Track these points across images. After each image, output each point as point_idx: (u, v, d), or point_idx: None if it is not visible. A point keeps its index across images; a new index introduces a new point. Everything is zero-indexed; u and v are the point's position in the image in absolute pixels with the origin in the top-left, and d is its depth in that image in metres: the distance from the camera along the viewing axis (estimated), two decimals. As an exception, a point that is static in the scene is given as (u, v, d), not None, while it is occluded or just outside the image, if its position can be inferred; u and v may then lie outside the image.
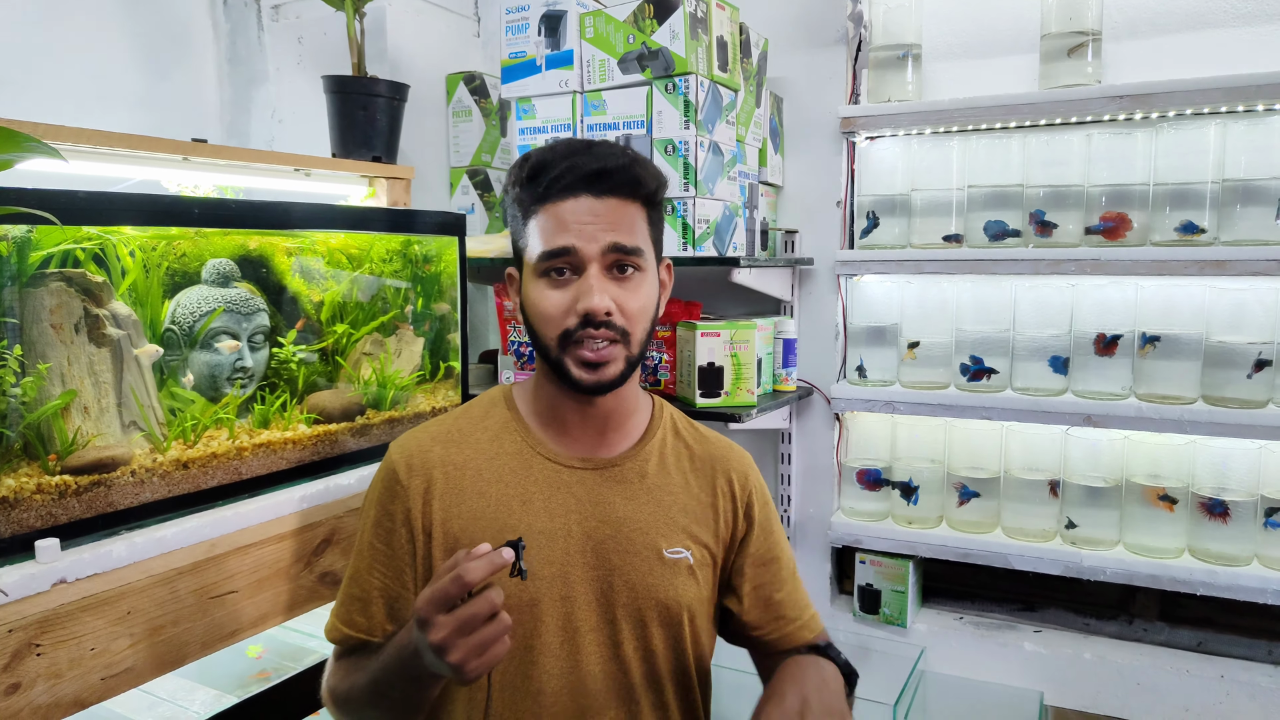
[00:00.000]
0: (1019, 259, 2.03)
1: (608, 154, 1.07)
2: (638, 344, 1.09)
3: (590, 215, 1.05)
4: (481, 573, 0.85)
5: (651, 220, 1.12)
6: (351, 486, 1.58)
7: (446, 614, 0.86)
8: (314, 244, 1.62)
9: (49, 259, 1.21)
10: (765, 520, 1.21)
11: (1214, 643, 2.09)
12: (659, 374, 1.99)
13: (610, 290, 1.05)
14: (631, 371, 1.10)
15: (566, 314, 1.05)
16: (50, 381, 1.20)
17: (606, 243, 1.05)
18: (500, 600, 0.86)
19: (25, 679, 1.09)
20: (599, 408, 1.13)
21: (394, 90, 2.10)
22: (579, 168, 1.05)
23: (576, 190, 1.05)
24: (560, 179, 1.05)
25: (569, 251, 1.05)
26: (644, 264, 1.09)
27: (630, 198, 1.08)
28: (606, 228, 1.05)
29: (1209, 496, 1.92)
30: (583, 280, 1.05)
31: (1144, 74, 1.98)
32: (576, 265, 1.05)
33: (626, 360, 1.08)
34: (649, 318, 1.11)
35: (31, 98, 1.96)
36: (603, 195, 1.06)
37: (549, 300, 1.06)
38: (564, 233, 1.05)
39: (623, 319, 1.06)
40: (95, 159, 1.53)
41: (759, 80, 2.14)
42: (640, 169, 1.09)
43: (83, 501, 1.22)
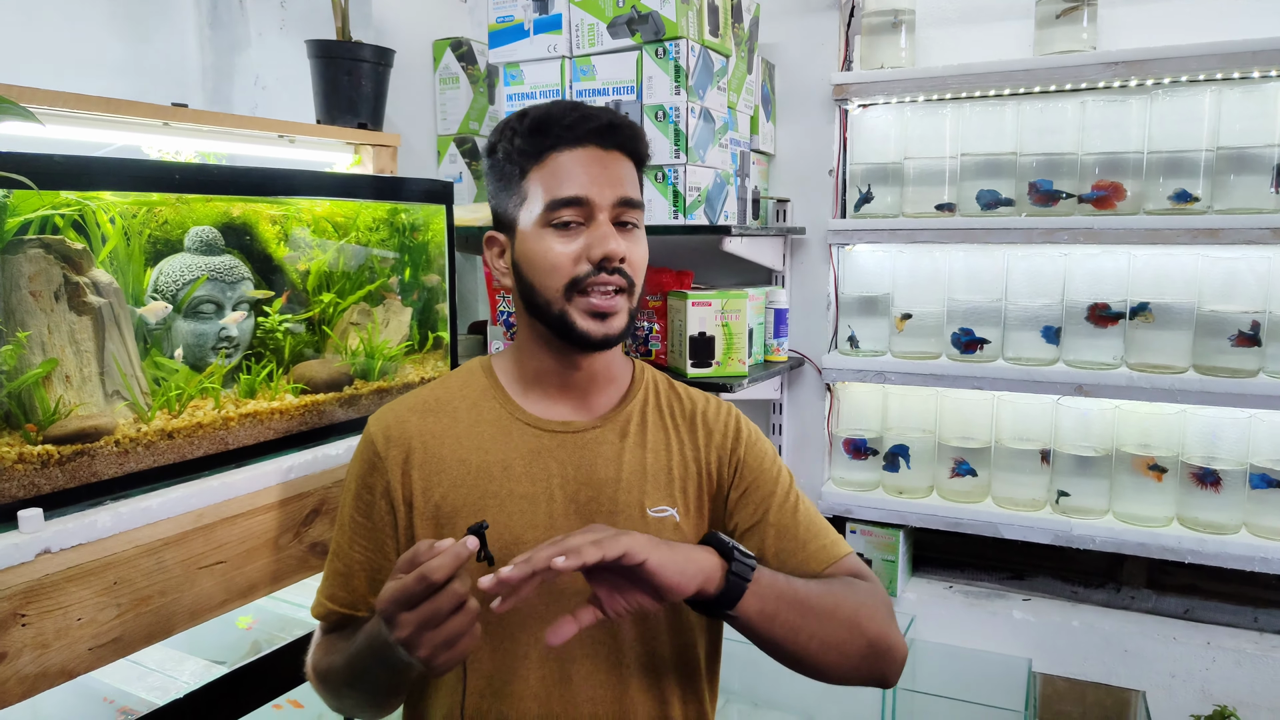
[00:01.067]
0: (1012, 228, 2.02)
1: (611, 113, 1.10)
2: (637, 297, 1.11)
3: (600, 166, 1.06)
4: (448, 569, 0.83)
5: (640, 179, 1.14)
6: (340, 457, 1.56)
7: (410, 611, 0.84)
8: (299, 212, 1.60)
9: (27, 225, 1.18)
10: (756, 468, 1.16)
11: (1201, 610, 2.10)
12: (650, 344, 1.98)
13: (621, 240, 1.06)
14: (631, 326, 1.11)
15: (577, 261, 1.04)
16: (30, 350, 1.18)
17: (618, 195, 1.06)
18: (465, 591, 0.85)
19: (11, 649, 1.08)
20: (584, 371, 1.13)
21: (379, 55, 2.06)
22: (590, 119, 1.06)
23: (585, 141, 1.06)
24: (571, 129, 1.05)
25: (581, 201, 1.04)
26: (641, 220, 1.11)
27: (630, 156, 1.10)
28: (616, 181, 1.06)
29: (1200, 466, 1.93)
30: (594, 229, 1.05)
31: (1140, 39, 1.96)
32: (587, 215, 1.05)
33: (629, 312, 1.09)
34: (644, 272, 1.12)
35: (5, 62, 1.92)
36: (609, 149, 1.07)
37: (556, 251, 1.05)
38: (575, 182, 1.04)
39: (630, 269, 1.07)
40: (72, 123, 1.49)
41: (750, 46, 2.11)
42: (638, 130, 1.12)
43: (66, 471, 1.20)
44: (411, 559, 0.86)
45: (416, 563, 0.85)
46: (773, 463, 1.19)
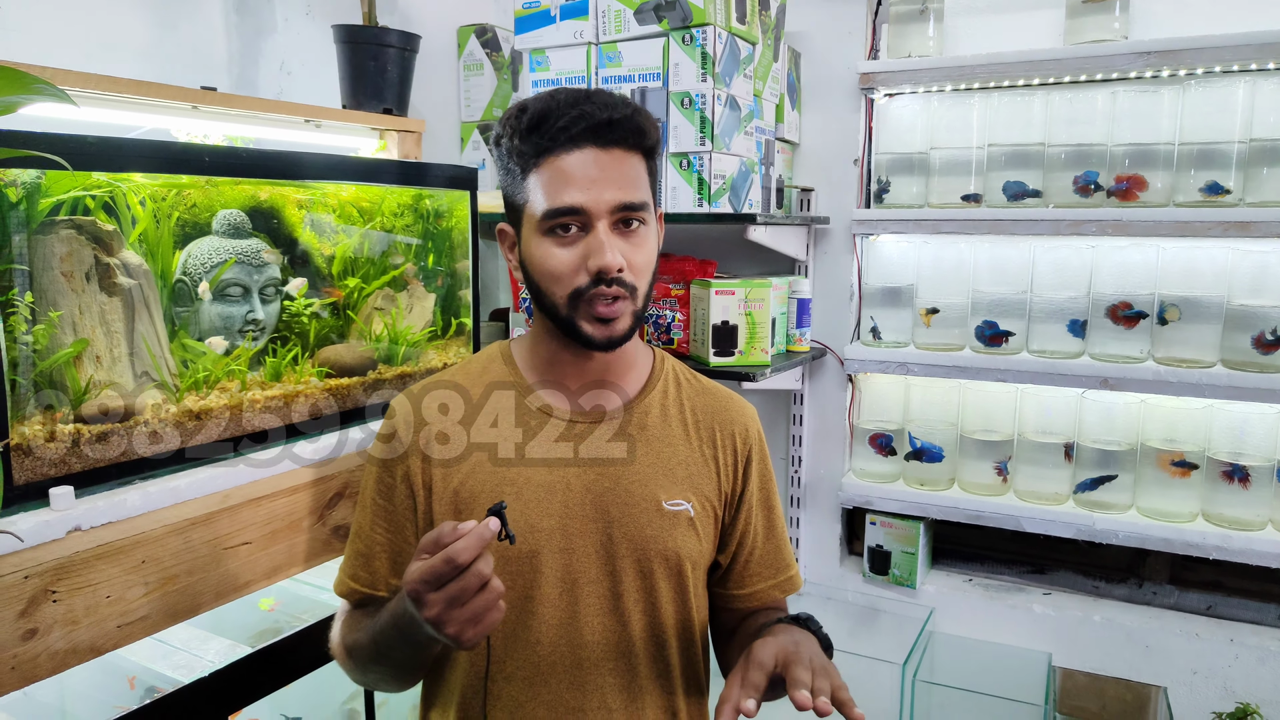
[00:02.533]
0: (1039, 219, 2.00)
1: (611, 104, 1.03)
2: (643, 298, 1.08)
3: (597, 170, 1.01)
4: (473, 551, 0.85)
5: (651, 171, 1.09)
6: (364, 441, 1.57)
7: (437, 591, 0.86)
8: (325, 196, 1.60)
9: (59, 206, 1.19)
10: (761, 475, 1.21)
11: (1224, 606, 2.09)
12: (672, 332, 1.97)
13: (618, 246, 1.03)
14: (638, 325, 1.10)
15: (576, 272, 1.03)
16: (61, 330, 1.19)
17: (616, 200, 1.02)
18: (489, 570, 0.87)
19: (42, 625, 1.09)
20: (598, 361, 1.13)
21: (405, 41, 2.06)
22: (585, 118, 1.01)
23: (581, 142, 1.01)
24: (565, 130, 1.01)
25: (578, 210, 1.01)
26: (648, 218, 1.07)
27: (634, 149, 1.05)
28: (613, 184, 1.02)
29: (1228, 461, 1.91)
30: (592, 237, 1.02)
31: (1172, 29, 1.93)
32: (584, 223, 1.03)
33: (633, 315, 1.07)
34: (653, 271, 1.10)
35: (36, 44, 1.93)
36: (608, 147, 1.02)
37: (557, 259, 1.04)
38: (570, 189, 1.01)
39: (631, 275, 1.04)
40: (103, 105, 1.50)
41: (777, 34, 2.10)
42: (642, 119, 1.05)
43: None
44: (435, 540, 0.87)
45: (440, 544, 0.86)
46: (770, 476, 1.24)
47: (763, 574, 1.20)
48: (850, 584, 2.33)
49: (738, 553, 1.19)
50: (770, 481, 1.23)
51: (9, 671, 1.07)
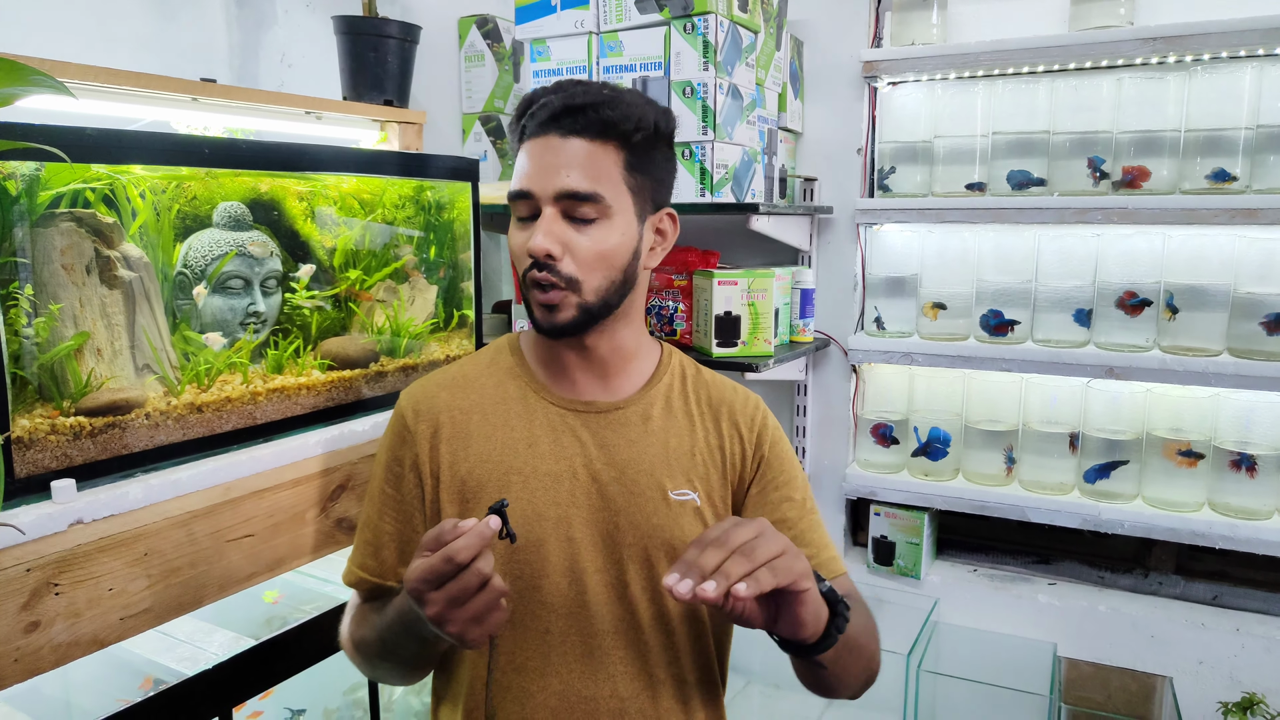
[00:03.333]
0: (1044, 208, 1.99)
1: (581, 92, 1.02)
2: (593, 293, 1.04)
3: (550, 155, 1.02)
4: (473, 550, 0.84)
5: (631, 164, 1.05)
6: (366, 433, 1.57)
7: (437, 590, 0.85)
8: (326, 188, 1.60)
9: (59, 199, 1.19)
10: (774, 462, 1.18)
11: (1230, 596, 2.08)
12: (675, 323, 1.97)
13: (562, 234, 1.02)
14: (590, 321, 1.06)
15: (522, 256, 1.05)
16: (62, 323, 1.19)
17: (559, 187, 1.01)
18: (489, 569, 0.86)
19: (44, 617, 1.09)
20: (593, 351, 1.12)
21: (405, 31, 2.05)
22: (549, 106, 1.03)
23: (545, 129, 1.03)
24: (534, 117, 1.04)
25: (526, 195, 1.04)
26: (607, 211, 1.03)
27: (599, 138, 1.02)
28: (562, 170, 1.01)
29: (1236, 451, 1.90)
30: (537, 221, 1.04)
31: (1178, 14, 1.91)
32: (534, 208, 1.04)
33: (580, 308, 1.04)
34: (613, 268, 1.05)
35: (36, 36, 1.92)
36: (568, 135, 1.02)
37: (515, 241, 1.07)
38: (525, 174, 1.04)
39: (572, 265, 1.02)
40: (102, 97, 1.50)
41: (779, 22, 2.08)
42: (612, 110, 1.02)
43: (97, 443, 1.21)
44: (436, 538, 0.87)
45: (441, 541, 0.86)
46: (794, 465, 1.20)
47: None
48: (855, 575, 2.31)
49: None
50: (789, 467, 1.19)
51: (12, 664, 1.07)
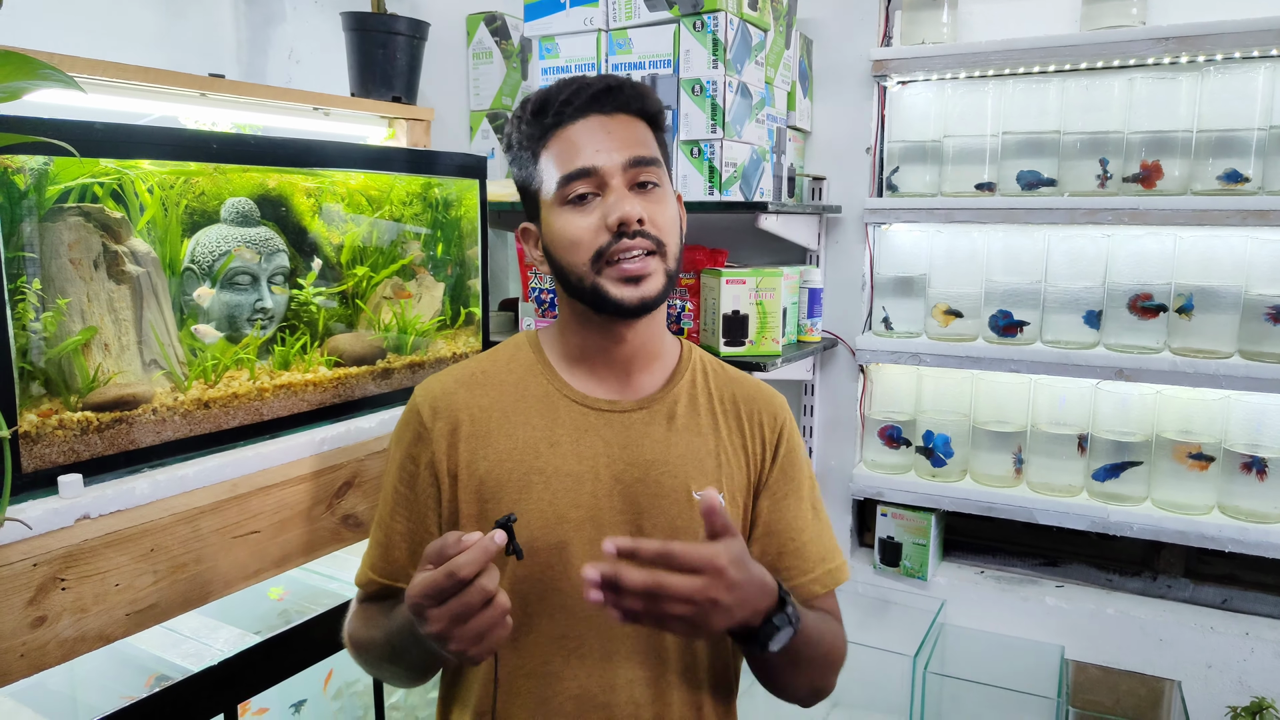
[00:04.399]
0: (1054, 208, 1.98)
1: (609, 77, 1.07)
2: (674, 258, 1.07)
3: (604, 132, 1.04)
4: (476, 565, 0.83)
5: (660, 142, 1.10)
6: (373, 430, 1.57)
7: (439, 606, 0.84)
8: (334, 184, 1.59)
9: (67, 193, 1.19)
10: (789, 463, 1.17)
11: (1239, 600, 2.07)
12: (682, 322, 1.96)
13: (640, 201, 1.04)
14: (670, 288, 1.07)
15: (597, 233, 1.03)
16: (70, 317, 1.19)
17: (627, 157, 1.03)
18: (493, 586, 0.84)
19: (51, 612, 1.09)
20: (626, 346, 1.10)
21: (414, 28, 2.05)
22: (586, 89, 1.04)
23: (586, 111, 1.04)
24: (568, 103, 1.04)
25: (590, 172, 1.03)
26: (663, 179, 1.08)
27: (638, 115, 1.07)
28: (622, 143, 1.04)
29: (1247, 454, 1.88)
30: (608, 195, 1.03)
31: (1191, 14, 1.90)
32: (599, 185, 1.03)
33: (666, 274, 1.06)
34: (678, 232, 1.09)
35: (45, 30, 1.92)
36: (613, 113, 1.05)
37: (575, 225, 1.03)
38: (581, 154, 1.03)
39: (655, 229, 1.04)
40: (111, 91, 1.50)
41: (789, 20, 2.08)
42: (644, 88, 1.09)
43: (104, 438, 1.21)
44: (439, 551, 0.85)
45: (444, 555, 0.84)
46: (806, 468, 1.20)
47: (799, 566, 1.14)
48: (861, 576, 2.32)
49: (771, 543, 1.14)
50: (804, 469, 1.18)
51: (18, 659, 1.07)
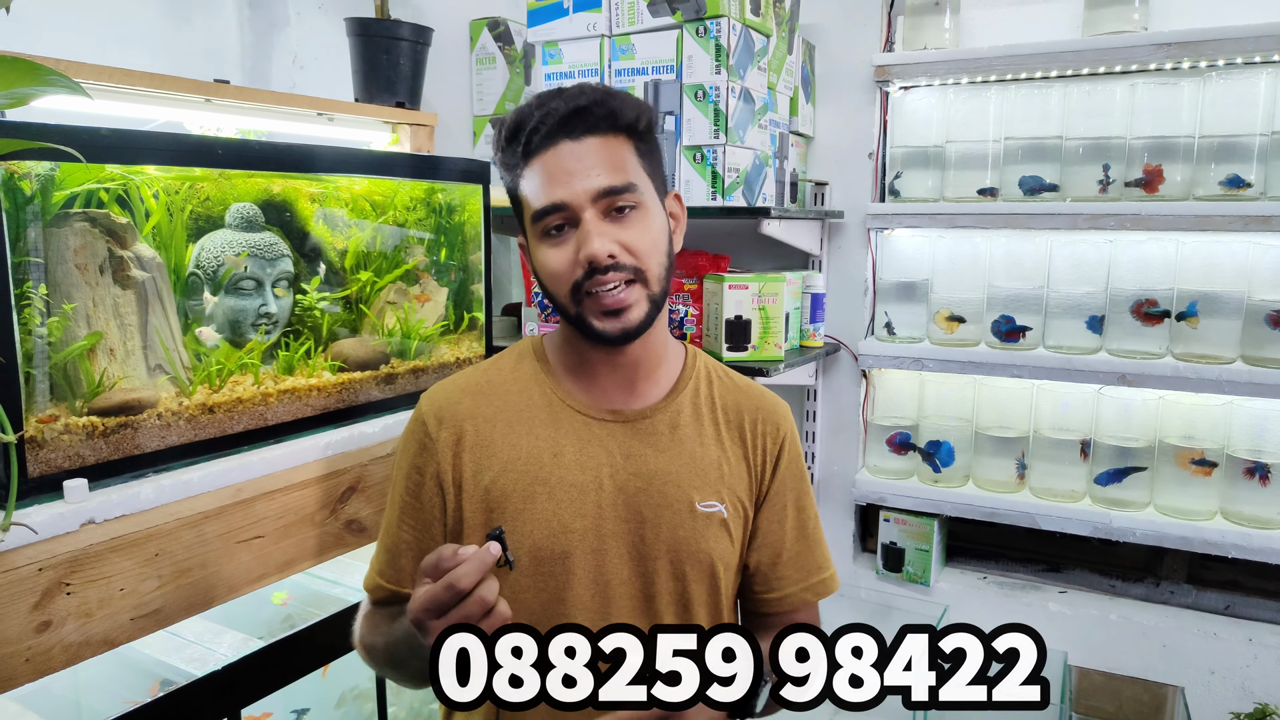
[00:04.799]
0: (1056, 213, 1.98)
1: (578, 94, 1.03)
2: (656, 281, 1.05)
3: (573, 161, 1.01)
4: (474, 578, 0.83)
5: (642, 152, 1.06)
6: (376, 435, 1.57)
7: (440, 618, 0.85)
8: (338, 189, 1.60)
9: (73, 199, 1.19)
10: (789, 474, 1.18)
11: (1242, 606, 2.06)
12: (685, 327, 1.96)
13: (611, 233, 1.01)
14: (656, 313, 1.06)
15: (572, 268, 1.02)
16: (75, 322, 1.19)
17: (595, 188, 1.01)
18: (493, 596, 0.85)
19: (56, 617, 1.09)
20: (627, 356, 1.10)
21: (418, 34, 2.06)
22: (551, 114, 1.01)
23: (554, 138, 1.01)
24: (536, 131, 1.01)
25: (560, 207, 1.01)
26: (641, 199, 1.04)
27: (610, 132, 1.03)
28: (590, 172, 1.01)
29: (1250, 459, 1.88)
30: (580, 229, 1.01)
31: (1192, 20, 1.90)
32: (570, 218, 1.02)
33: (649, 299, 1.04)
34: (661, 252, 1.06)
35: (51, 37, 1.93)
36: (581, 137, 1.01)
37: (552, 259, 1.03)
38: (550, 187, 1.01)
39: (631, 258, 1.02)
40: (116, 98, 1.50)
41: (791, 26, 2.08)
42: (615, 101, 1.04)
43: (110, 443, 1.22)
44: (435, 565, 0.86)
45: (440, 569, 0.85)
46: (805, 479, 1.20)
47: (792, 576, 1.16)
48: (863, 581, 2.32)
49: (766, 553, 1.15)
50: (803, 480, 1.19)
51: (23, 664, 1.07)
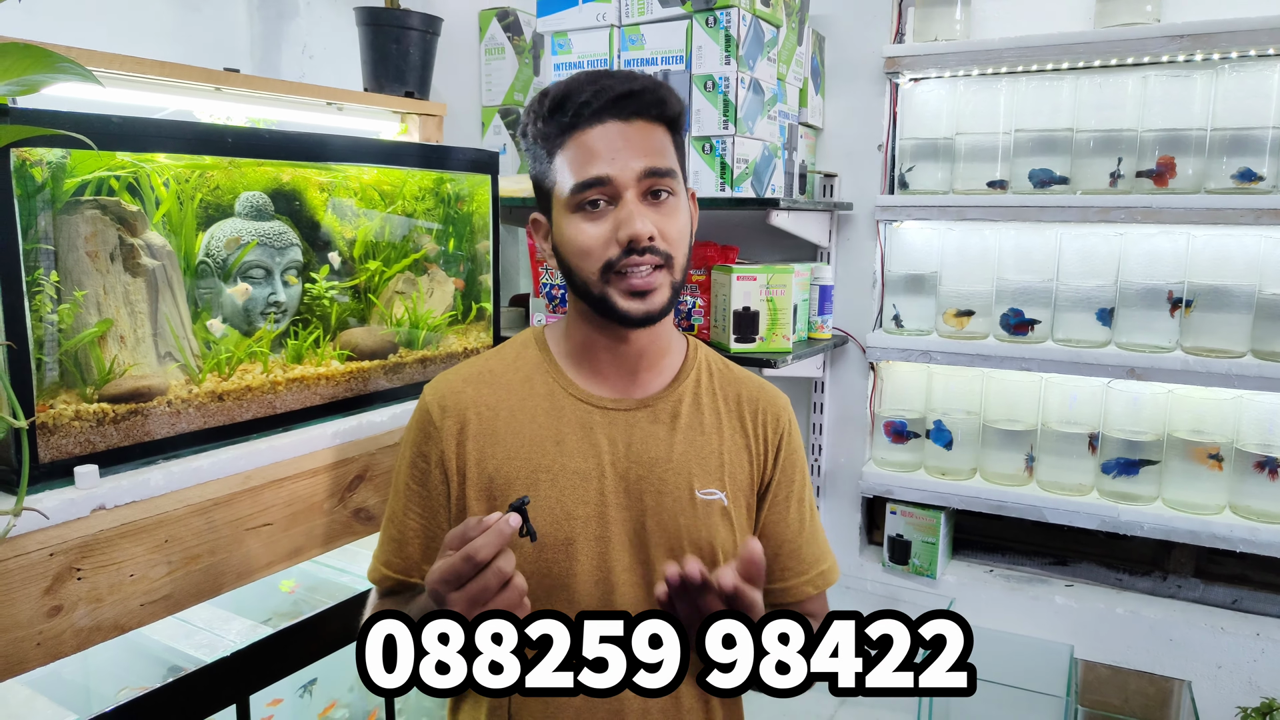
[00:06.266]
0: (1066, 206, 1.97)
1: (631, 77, 1.04)
2: (680, 270, 1.07)
3: (621, 140, 1.02)
4: (492, 549, 0.84)
5: (678, 145, 1.09)
6: (384, 424, 1.57)
7: (458, 591, 0.85)
8: (347, 179, 1.60)
9: (84, 186, 1.19)
10: (790, 466, 1.18)
11: (1250, 600, 2.06)
12: (693, 318, 1.96)
13: (649, 216, 1.03)
14: (676, 299, 1.08)
15: (607, 245, 1.02)
16: (86, 310, 1.19)
17: (642, 168, 1.02)
18: (510, 568, 0.86)
19: (67, 602, 1.10)
20: (632, 345, 1.11)
21: (427, 23, 2.06)
22: (605, 91, 1.02)
23: (603, 116, 1.02)
24: (587, 105, 1.02)
25: (604, 181, 1.02)
26: (677, 187, 1.07)
27: (657, 120, 1.05)
28: (638, 152, 1.02)
29: (1260, 453, 1.88)
30: (620, 208, 1.02)
31: (1205, 11, 1.89)
32: (612, 194, 1.02)
33: (672, 286, 1.06)
34: (687, 243, 1.08)
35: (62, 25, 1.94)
36: (630, 119, 1.03)
37: (586, 234, 1.03)
38: (596, 162, 1.02)
39: (665, 244, 1.04)
40: (127, 85, 1.51)
41: (801, 17, 2.07)
42: (664, 91, 1.06)
43: (120, 430, 1.22)
44: (461, 535, 0.86)
45: (466, 539, 0.85)
46: (804, 470, 1.21)
47: (794, 567, 1.17)
48: (870, 574, 2.32)
49: (768, 545, 1.15)
50: (802, 471, 1.20)
51: (34, 648, 1.08)
